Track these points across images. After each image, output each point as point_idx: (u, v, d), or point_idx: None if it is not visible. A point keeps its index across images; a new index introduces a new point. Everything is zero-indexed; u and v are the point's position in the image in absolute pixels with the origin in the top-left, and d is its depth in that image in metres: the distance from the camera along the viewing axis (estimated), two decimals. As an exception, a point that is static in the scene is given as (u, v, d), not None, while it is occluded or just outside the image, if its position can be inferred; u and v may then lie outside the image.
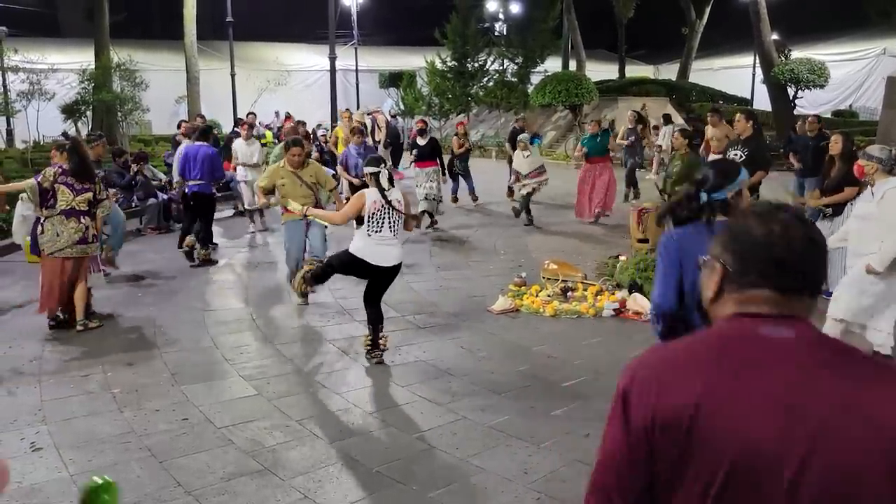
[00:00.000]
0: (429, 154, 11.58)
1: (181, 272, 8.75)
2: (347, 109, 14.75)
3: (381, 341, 5.73)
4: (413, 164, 11.73)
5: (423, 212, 10.86)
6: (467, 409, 4.84)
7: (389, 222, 5.51)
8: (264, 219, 11.33)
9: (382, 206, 5.49)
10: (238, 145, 11.37)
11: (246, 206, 11.38)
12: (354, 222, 5.59)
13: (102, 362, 5.71)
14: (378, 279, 5.66)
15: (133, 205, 11.72)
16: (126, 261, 8.90)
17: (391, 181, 5.63)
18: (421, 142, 11.79)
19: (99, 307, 7.01)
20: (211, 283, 8.35)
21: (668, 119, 17.39)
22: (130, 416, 4.73)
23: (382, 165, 5.65)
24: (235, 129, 15.83)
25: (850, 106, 29.73)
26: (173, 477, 3.93)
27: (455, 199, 13.42)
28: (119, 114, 20.46)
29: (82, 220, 6.40)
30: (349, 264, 5.64)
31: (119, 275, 8.39)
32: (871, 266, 4.81)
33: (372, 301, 5.73)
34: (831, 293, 6.28)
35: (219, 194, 13.29)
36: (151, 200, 11.48)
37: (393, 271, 5.65)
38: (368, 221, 5.48)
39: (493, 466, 4.05)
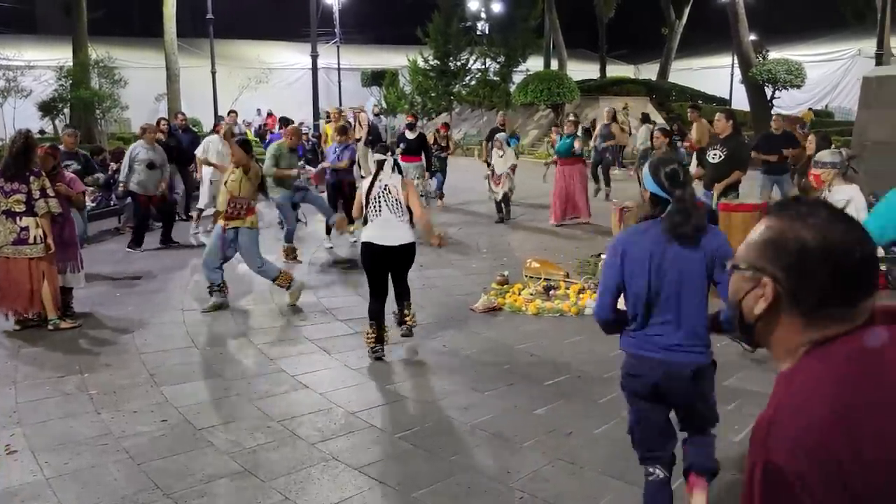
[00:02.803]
0: (415, 149, 11.57)
1: (160, 271, 8.66)
2: (338, 108, 14.66)
3: (407, 317, 5.93)
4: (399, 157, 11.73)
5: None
6: (450, 408, 4.83)
7: (388, 204, 5.58)
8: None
9: (379, 190, 5.59)
10: (213, 143, 11.13)
11: (200, 206, 10.97)
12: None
13: (79, 363, 5.62)
14: (393, 265, 5.69)
15: (112, 203, 11.59)
16: (104, 260, 8.80)
17: (397, 170, 5.76)
18: (410, 136, 11.78)
19: (76, 307, 6.92)
20: (190, 282, 8.26)
21: (646, 118, 17.53)
22: (108, 417, 4.66)
23: (389, 154, 5.76)
24: (217, 128, 15.73)
25: (827, 106, 30.10)
26: (152, 479, 3.87)
27: (441, 196, 13.43)
28: (97, 111, 20.25)
29: (18, 222, 6.21)
30: (364, 255, 5.68)
31: (96, 274, 8.28)
32: None
33: (396, 285, 5.82)
34: None
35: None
36: (127, 200, 11.33)
37: (403, 252, 5.64)
38: (367, 207, 5.61)
39: (477, 466, 4.04)
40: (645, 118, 17.62)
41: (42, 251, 6.28)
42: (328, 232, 9.86)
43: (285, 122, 14.10)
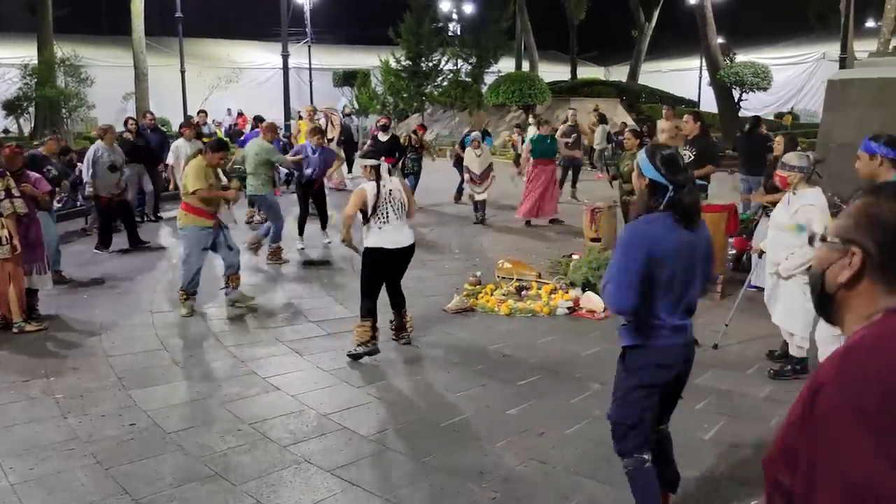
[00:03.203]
0: (388, 151, 11.54)
1: (128, 273, 8.54)
2: (313, 106, 14.57)
3: (406, 323, 6.04)
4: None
5: None
6: (423, 408, 4.82)
7: (393, 209, 5.65)
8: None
9: (384, 196, 5.63)
10: (182, 147, 11.08)
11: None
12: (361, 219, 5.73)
13: (45, 366, 5.52)
14: (395, 266, 5.80)
15: (78, 204, 11.41)
16: (71, 261, 8.65)
17: (390, 171, 5.85)
18: (382, 138, 11.74)
19: (42, 309, 6.79)
20: (159, 284, 8.15)
21: (602, 119, 17.81)
22: (75, 422, 4.58)
23: (382, 158, 5.79)
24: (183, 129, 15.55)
25: (792, 108, 30.66)
26: (120, 484, 3.81)
27: None
28: (63, 110, 19.91)
29: None
30: (371, 261, 5.68)
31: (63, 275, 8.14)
32: (779, 269, 4.95)
33: (391, 289, 5.91)
34: (755, 287, 6.48)
35: (168, 193, 13.10)
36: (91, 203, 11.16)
37: (409, 253, 5.80)
38: (374, 215, 5.60)
39: (449, 467, 4.04)
40: (602, 119, 17.88)
41: (8, 252, 6.16)
42: (300, 233, 9.79)
43: (259, 120, 13.98)
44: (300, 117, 14.05)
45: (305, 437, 4.42)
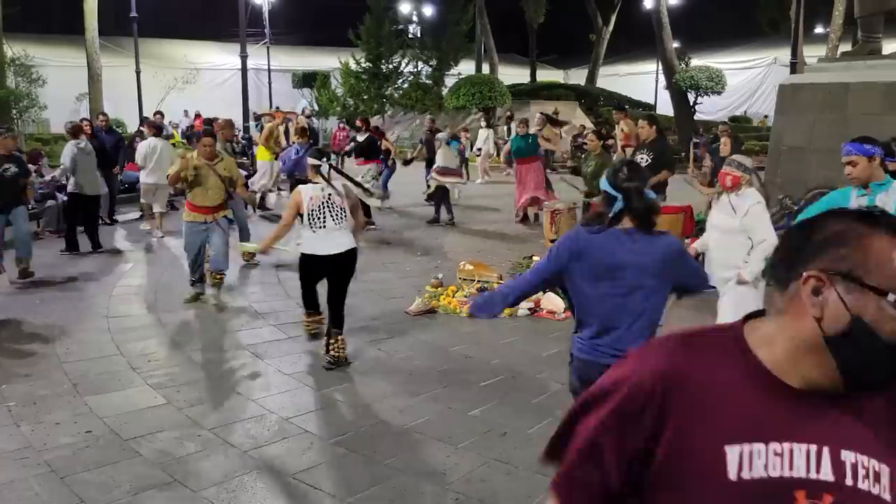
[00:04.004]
0: (368, 151, 11.54)
1: (83, 277, 8.36)
2: (278, 108, 14.40)
3: (332, 348, 5.54)
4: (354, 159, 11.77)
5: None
6: (385, 411, 4.82)
7: (332, 214, 5.47)
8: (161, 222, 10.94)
9: (322, 200, 5.46)
10: (152, 143, 10.85)
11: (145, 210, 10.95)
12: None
13: (-4, 374, 5.38)
14: (334, 274, 5.59)
15: (30, 207, 11.12)
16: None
17: (332, 173, 5.65)
18: (360, 138, 11.78)
19: (-8, 316, 6.62)
20: (115, 288, 7.99)
21: (550, 120, 18.08)
22: (28, 430, 4.47)
23: (325, 159, 5.61)
24: (141, 128, 15.25)
25: (745, 112, 31.36)
26: (75, 493, 3.74)
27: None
28: (14, 111, 19.37)
29: None
30: (304, 266, 5.59)
31: (14, 279, 7.93)
32: (742, 276, 4.93)
33: (332, 303, 5.63)
34: (714, 287, 6.56)
35: (123, 195, 12.87)
36: (50, 202, 10.91)
37: (347, 260, 5.56)
38: (310, 218, 5.43)
39: (412, 468, 4.05)
40: (550, 120, 18.12)
41: None
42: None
43: (208, 123, 13.73)
44: (258, 120, 13.77)
45: (266, 441, 4.38)
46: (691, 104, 24.41)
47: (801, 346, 1.13)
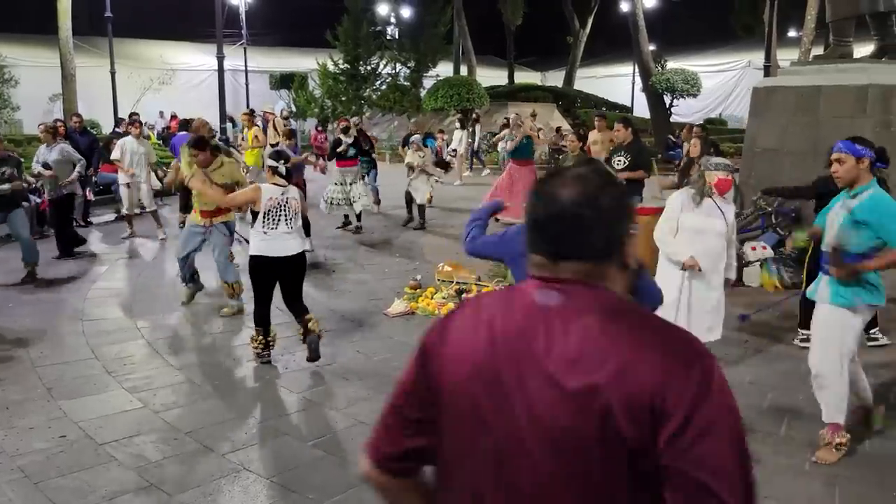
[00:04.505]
0: (353, 153, 11.51)
1: (57, 280, 8.25)
2: (252, 110, 14.16)
3: (309, 323, 5.57)
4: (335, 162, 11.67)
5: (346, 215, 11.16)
6: (363, 413, 4.81)
7: (286, 217, 5.45)
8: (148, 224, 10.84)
9: (279, 202, 5.44)
10: (129, 144, 10.67)
11: (124, 211, 10.81)
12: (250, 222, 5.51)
13: (-32, 379, 5.30)
14: (286, 277, 5.56)
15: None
16: (-6, 269, 8.32)
17: (288, 177, 5.58)
18: (348, 140, 11.74)
19: (-37, 320, 6.52)
20: (90, 291, 7.90)
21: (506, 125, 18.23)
22: (0, 435, 4.41)
23: (281, 162, 5.56)
24: (116, 129, 15.08)
25: (720, 114, 31.69)
26: (49, 499, 3.69)
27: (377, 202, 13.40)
28: (-15, 112, 19.09)
29: None
30: (254, 269, 5.52)
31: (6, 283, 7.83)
32: (731, 277, 4.97)
33: (290, 304, 5.64)
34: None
35: (99, 197, 12.73)
36: (23, 205, 10.73)
37: (296, 263, 5.54)
38: (264, 218, 5.40)
39: (390, 470, 4.04)
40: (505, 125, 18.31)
41: None
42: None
43: (185, 124, 13.60)
44: (244, 127, 13.45)
45: (244, 444, 4.36)
46: (667, 106, 24.64)
47: None
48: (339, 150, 11.06)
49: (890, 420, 4.57)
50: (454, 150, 18.65)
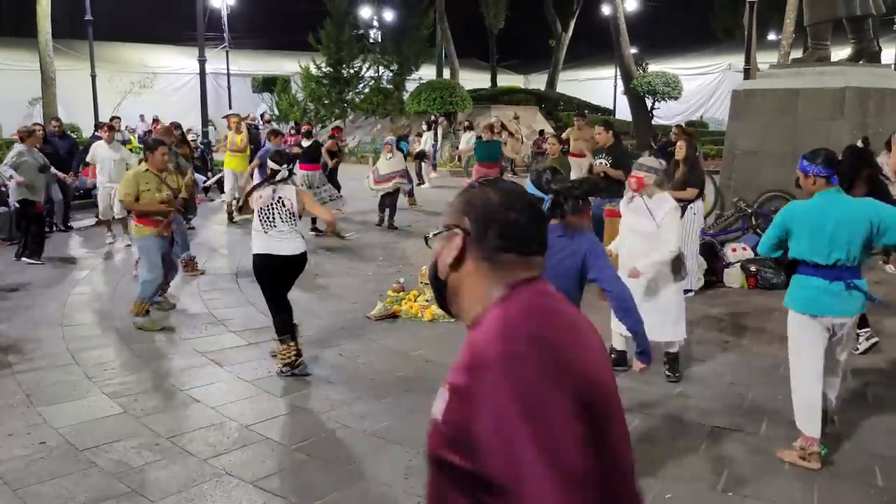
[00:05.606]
0: (313, 156, 11.50)
1: (36, 285, 8.17)
2: (237, 114, 14.05)
3: (283, 350, 5.49)
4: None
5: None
6: (347, 416, 4.81)
7: (281, 216, 5.47)
8: (118, 230, 10.58)
9: (271, 201, 5.46)
10: (101, 148, 10.46)
11: (101, 216, 10.62)
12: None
13: (-55, 386, 5.23)
14: (285, 275, 5.56)
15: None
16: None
17: (288, 179, 5.60)
18: (305, 143, 11.74)
19: (-60, 326, 6.43)
20: (70, 296, 7.83)
21: (469, 126, 18.45)
22: (-21, 442, 4.36)
23: (285, 165, 5.57)
24: (96, 133, 14.94)
25: (701, 116, 31.96)
26: (29, 505, 3.66)
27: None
28: (-38, 115, 18.86)
29: None
30: (259, 269, 5.51)
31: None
32: (636, 271, 4.87)
33: (279, 305, 5.56)
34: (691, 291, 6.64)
35: (79, 201, 12.61)
36: (1, 209, 10.64)
37: (298, 262, 5.56)
38: (259, 217, 5.46)
39: (374, 473, 4.05)
40: (468, 126, 18.55)
41: None
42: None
43: (176, 127, 13.48)
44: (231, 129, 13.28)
45: (226, 449, 4.34)
46: (649, 109, 24.82)
47: None
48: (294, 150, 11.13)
49: (869, 418, 4.63)
50: (421, 151, 18.72)
